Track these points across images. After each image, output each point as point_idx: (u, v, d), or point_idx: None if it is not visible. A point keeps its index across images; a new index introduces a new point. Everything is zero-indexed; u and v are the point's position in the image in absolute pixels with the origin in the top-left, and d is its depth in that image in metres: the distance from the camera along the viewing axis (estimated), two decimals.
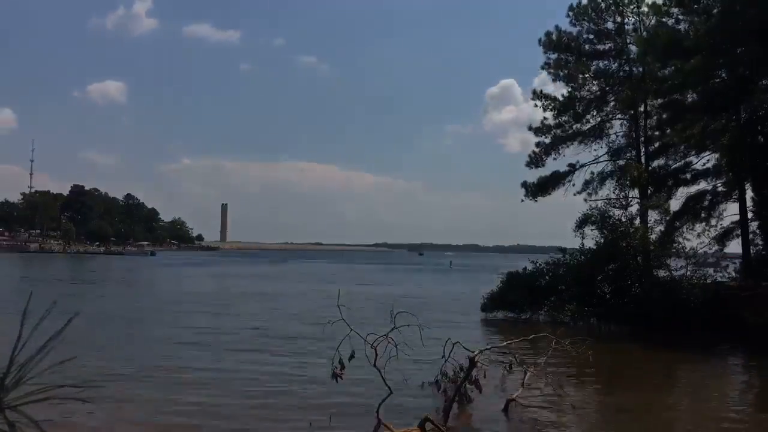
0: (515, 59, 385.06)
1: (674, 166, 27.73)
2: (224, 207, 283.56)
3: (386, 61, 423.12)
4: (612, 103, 28.91)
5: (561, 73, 28.24)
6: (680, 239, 25.42)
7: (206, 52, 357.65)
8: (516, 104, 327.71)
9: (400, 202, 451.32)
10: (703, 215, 26.65)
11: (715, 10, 23.08)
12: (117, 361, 14.14)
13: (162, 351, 16.01)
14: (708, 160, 26.24)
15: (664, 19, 25.83)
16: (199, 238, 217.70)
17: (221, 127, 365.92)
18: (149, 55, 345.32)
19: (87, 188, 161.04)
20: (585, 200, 28.25)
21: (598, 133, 28.80)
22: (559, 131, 28.82)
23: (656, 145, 28.25)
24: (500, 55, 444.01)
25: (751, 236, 24.89)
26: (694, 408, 11.87)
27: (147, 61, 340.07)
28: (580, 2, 27.70)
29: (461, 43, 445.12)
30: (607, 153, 28.96)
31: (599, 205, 26.91)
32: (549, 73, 28.49)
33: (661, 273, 23.59)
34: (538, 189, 29.01)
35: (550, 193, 29.10)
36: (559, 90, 29.01)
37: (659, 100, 27.01)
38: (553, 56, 28.21)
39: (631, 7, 27.83)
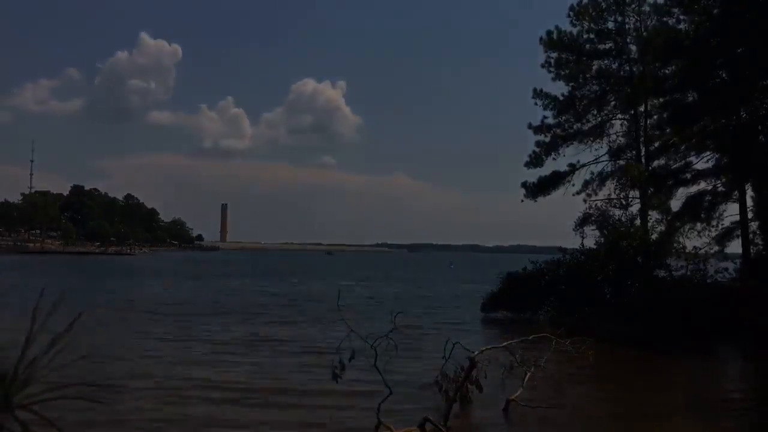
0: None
1: (674, 166, 27.73)
2: (224, 207, 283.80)
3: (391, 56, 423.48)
4: (612, 103, 28.92)
5: (561, 73, 28.24)
6: (680, 239, 25.44)
7: None
8: None
9: (400, 202, 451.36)
10: (703, 215, 26.63)
11: (715, 11, 23.07)
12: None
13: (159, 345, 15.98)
14: (708, 160, 26.25)
15: (664, 19, 25.87)
16: (199, 238, 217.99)
17: None
18: None
19: (87, 188, 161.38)
20: (584, 200, 28.30)
21: (598, 132, 28.80)
22: (559, 130, 28.83)
23: (656, 145, 28.26)
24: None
25: (751, 236, 24.85)
26: (694, 408, 11.83)
27: None
28: (580, 2, 27.71)
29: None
30: (607, 153, 28.97)
31: (599, 205, 26.94)
32: (549, 71, 28.47)
33: (661, 273, 23.57)
34: (538, 189, 29.00)
35: (550, 193, 29.10)
36: (560, 89, 28.99)
37: (659, 100, 27.02)
38: (554, 55, 28.21)
39: (632, 6, 27.85)
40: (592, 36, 28.19)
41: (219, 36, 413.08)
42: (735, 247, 26.26)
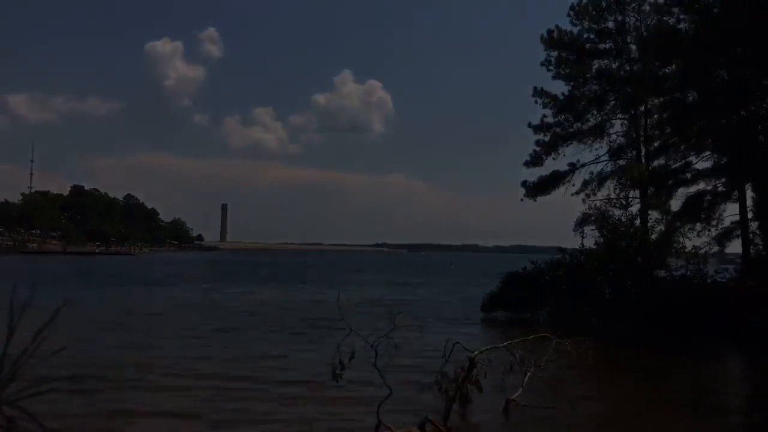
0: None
1: (674, 166, 27.73)
2: (224, 207, 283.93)
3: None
4: (612, 103, 28.91)
5: (561, 72, 28.23)
6: (680, 239, 25.44)
7: None
8: None
9: (400, 202, 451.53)
10: (703, 215, 26.63)
11: (715, 11, 23.07)
12: None
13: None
14: (708, 160, 26.26)
15: (664, 19, 25.87)
16: (199, 238, 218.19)
17: None
18: None
19: (87, 188, 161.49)
20: (584, 201, 28.30)
21: (598, 132, 28.78)
22: (558, 130, 28.82)
23: (656, 145, 28.27)
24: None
25: (751, 236, 24.87)
26: (694, 408, 11.83)
27: None
28: (581, 1, 27.71)
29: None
30: (607, 153, 28.97)
31: (599, 205, 26.93)
32: (549, 70, 28.47)
33: (661, 273, 23.56)
34: (538, 188, 29.01)
35: (549, 193, 29.12)
36: (560, 88, 28.98)
37: (659, 100, 27.02)
38: (554, 54, 28.21)
39: (632, 6, 27.84)
40: (592, 35, 28.20)
41: (230, 36, 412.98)
42: (735, 247, 26.31)
